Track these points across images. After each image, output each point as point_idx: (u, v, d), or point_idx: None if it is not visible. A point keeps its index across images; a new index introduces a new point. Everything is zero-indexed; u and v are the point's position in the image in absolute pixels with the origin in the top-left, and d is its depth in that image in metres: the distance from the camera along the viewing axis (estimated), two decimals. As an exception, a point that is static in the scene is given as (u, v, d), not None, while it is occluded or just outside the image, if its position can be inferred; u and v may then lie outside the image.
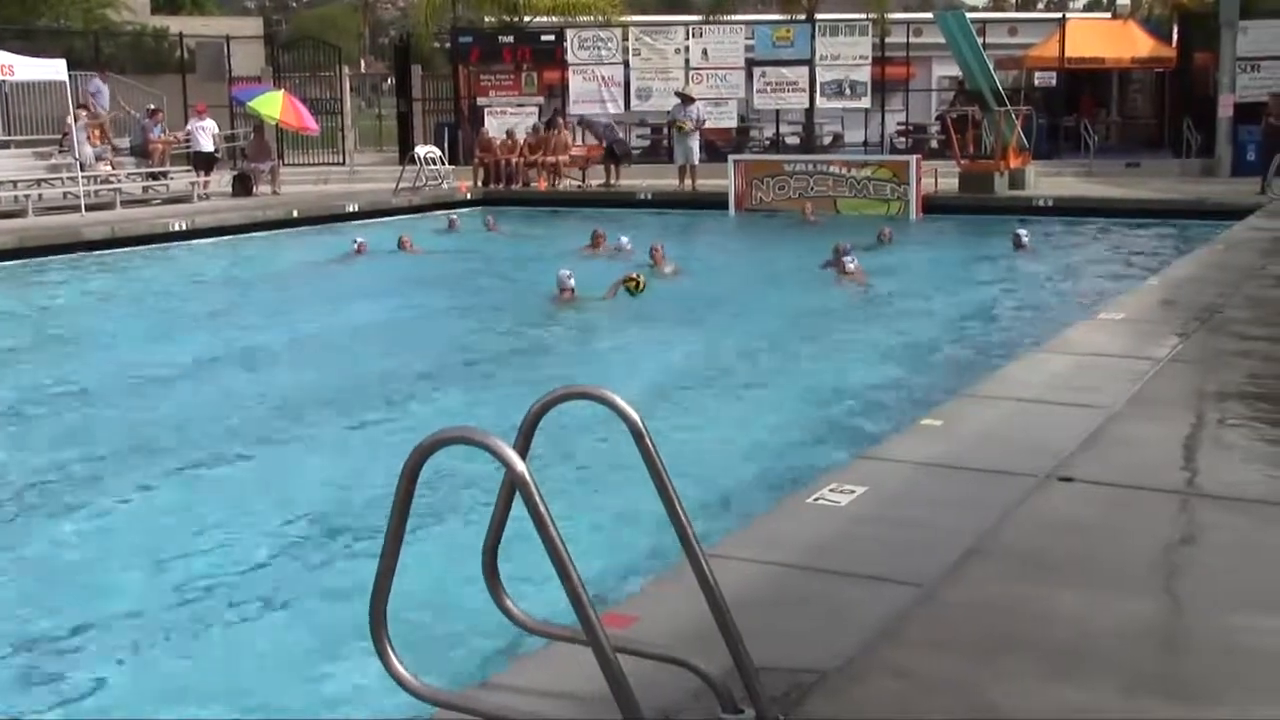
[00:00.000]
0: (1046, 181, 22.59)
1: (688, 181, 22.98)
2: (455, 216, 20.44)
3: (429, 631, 4.84)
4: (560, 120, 25.32)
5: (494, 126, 26.13)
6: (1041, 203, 20.36)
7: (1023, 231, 16.50)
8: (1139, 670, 3.46)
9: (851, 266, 13.37)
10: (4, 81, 21.25)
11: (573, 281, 12.57)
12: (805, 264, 14.61)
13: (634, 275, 12.46)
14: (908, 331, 11.28)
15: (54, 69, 20.43)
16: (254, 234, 19.49)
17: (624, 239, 16.01)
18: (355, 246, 16.79)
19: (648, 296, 12.64)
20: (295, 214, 20.78)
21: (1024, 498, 4.93)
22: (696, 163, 23.22)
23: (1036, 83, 27.97)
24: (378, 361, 10.24)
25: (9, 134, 22.64)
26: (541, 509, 2.68)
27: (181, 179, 23.10)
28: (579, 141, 26.17)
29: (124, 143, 23.78)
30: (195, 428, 8.18)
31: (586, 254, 15.87)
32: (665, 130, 25.99)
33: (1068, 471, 5.24)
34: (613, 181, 24.20)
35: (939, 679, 3.39)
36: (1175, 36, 28.12)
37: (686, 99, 23.86)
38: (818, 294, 13.04)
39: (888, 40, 26.69)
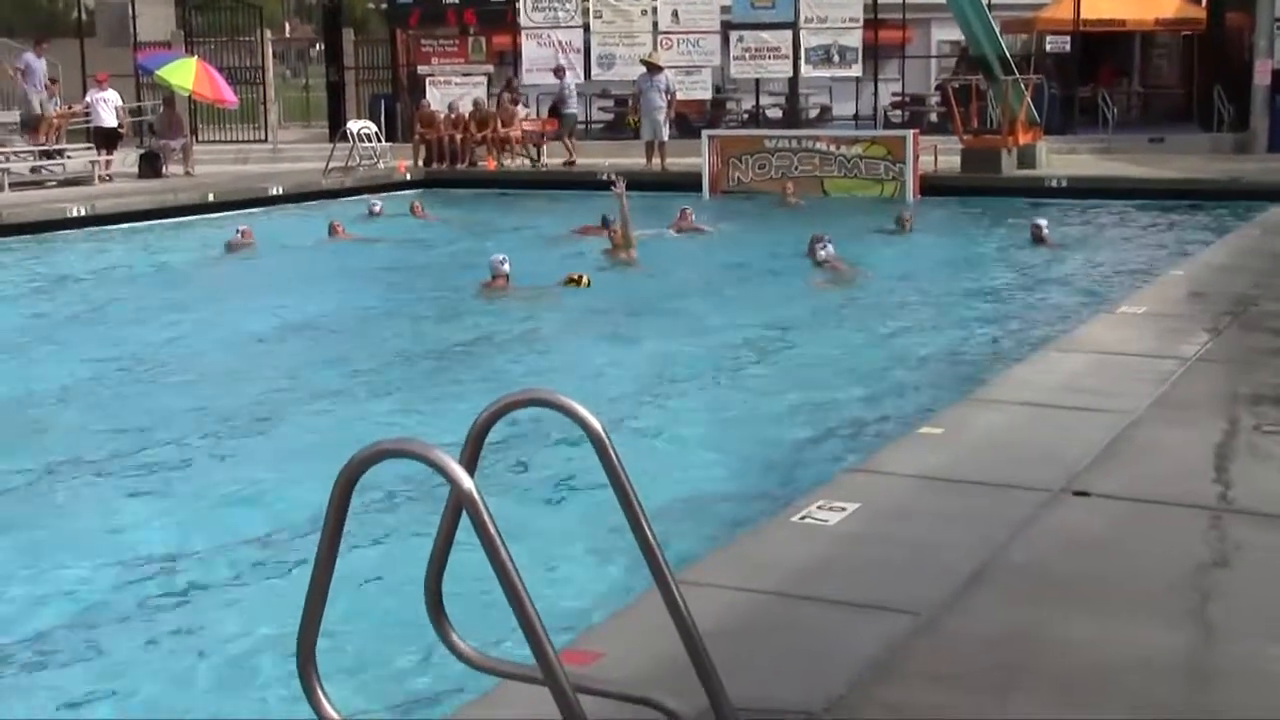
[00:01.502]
0: (1059, 159, 22.72)
1: (656, 160, 23.01)
2: (378, 203, 20.20)
3: (365, 669, 4.82)
4: (512, 89, 25.34)
5: (436, 98, 26.07)
6: (1054, 183, 20.47)
7: (1043, 222, 15.95)
8: (1162, 705, 3.50)
9: (824, 254, 13.38)
10: None
11: (507, 267, 12.55)
12: (786, 252, 14.65)
13: (576, 275, 12.49)
14: (902, 328, 11.32)
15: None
16: (164, 220, 19.37)
17: (689, 213, 16.85)
18: (239, 234, 16.42)
19: (606, 289, 12.64)
20: (211, 198, 20.64)
21: (1034, 514, 4.97)
22: (665, 139, 23.25)
23: (1048, 48, 28.12)
24: (290, 367, 10.17)
25: None
26: (491, 530, 2.69)
27: (80, 158, 22.93)
28: (534, 115, 26.18)
29: (11, 116, 23.58)
30: (66, 447, 8.01)
31: (672, 234, 16.41)
32: (630, 103, 25.97)
33: (1083, 485, 5.28)
34: (575, 160, 24.21)
35: (940, 719, 3.42)
36: (1205, -5, 28.35)
37: (653, 68, 23.86)
38: (799, 287, 13.08)
39: (881, 1, 26.80)
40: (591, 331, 11.15)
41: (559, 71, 24.91)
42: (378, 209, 19.87)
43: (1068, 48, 27.37)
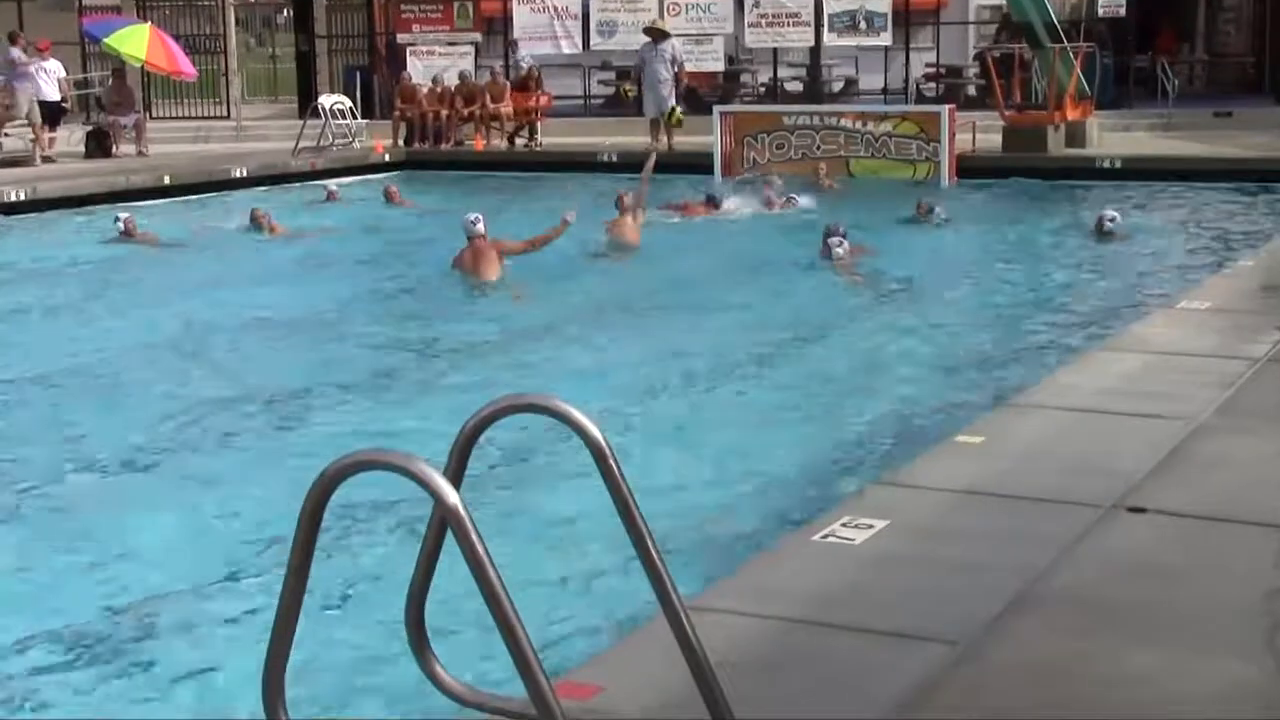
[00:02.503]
0: (1113, 137, 22.72)
1: (661, 138, 23.02)
2: (335, 187, 20.16)
3: (338, 705, 4.83)
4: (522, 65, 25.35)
5: (419, 71, 26.09)
6: (1106, 164, 20.47)
7: (1112, 214, 15.32)
8: (1229, 747, 3.50)
9: (840, 251, 13.32)
10: None
11: (480, 227, 12.64)
12: (814, 240, 14.66)
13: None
14: (936, 326, 11.33)
15: None
16: (114, 205, 19.37)
17: (776, 189, 17.11)
18: (121, 225, 15.95)
19: (603, 281, 12.66)
20: (167, 180, 20.68)
21: (1084, 533, 4.97)
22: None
23: (1101, 12, 28.07)
24: (248, 369, 10.16)
25: None
26: (480, 550, 2.69)
27: (18, 135, 22.96)
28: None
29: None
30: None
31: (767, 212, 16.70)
32: (631, 75, 25.89)
33: (1139, 500, 5.28)
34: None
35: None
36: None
37: (658, 35, 23.86)
38: (825, 280, 13.09)
39: (914, -39, 26.81)
40: (587, 327, 11.15)
41: (658, 36, 24.12)
42: (335, 192, 19.81)
43: (1123, 11, 27.26)
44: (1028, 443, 6.21)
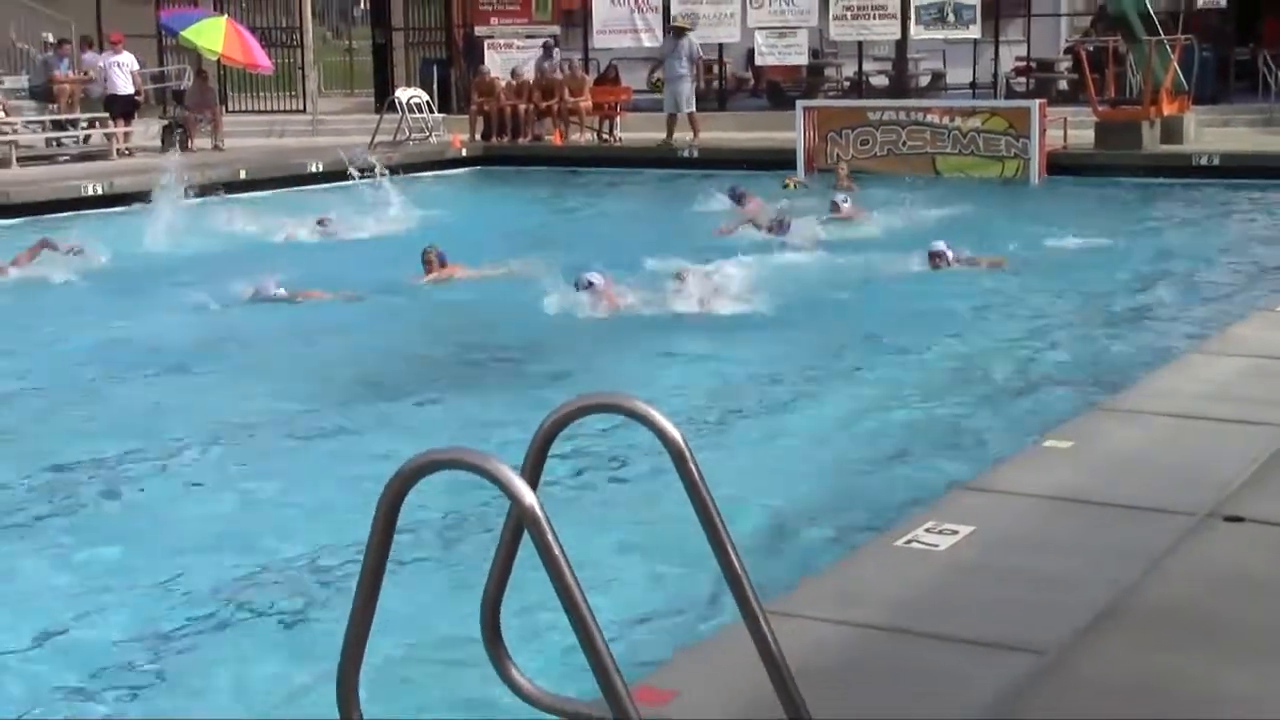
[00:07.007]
0: (1211, 133, 22.44)
1: (681, 134, 23.02)
2: (329, 218, 17.09)
3: (411, 706, 4.87)
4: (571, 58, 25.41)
5: (496, 64, 26.22)
6: (1204, 160, 20.23)
7: (939, 247, 13.40)
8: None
9: (952, 255, 13.23)
10: None
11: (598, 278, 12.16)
12: (905, 240, 14.61)
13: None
14: (1024, 327, 11.26)
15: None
16: (190, 200, 19.59)
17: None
18: (68, 250, 14.18)
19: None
20: (243, 175, 20.90)
21: (1177, 542, 4.92)
22: (691, 108, 23.36)
23: (1200, 3, 27.74)
24: (332, 370, 10.27)
25: None
26: (557, 553, 2.71)
27: (97, 130, 23.31)
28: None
29: (20, 82, 23.99)
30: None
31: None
32: (654, 71, 25.62)
33: (1235, 509, 5.22)
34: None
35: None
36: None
37: (679, 31, 23.90)
38: (906, 279, 13.03)
39: (1004, -50, 26.63)
40: (662, 331, 11.13)
41: (679, 32, 24.16)
42: (328, 221, 16.84)
43: (1223, 2, 26.95)
44: (1118, 448, 6.16)
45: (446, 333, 11.67)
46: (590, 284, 11.68)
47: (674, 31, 24.08)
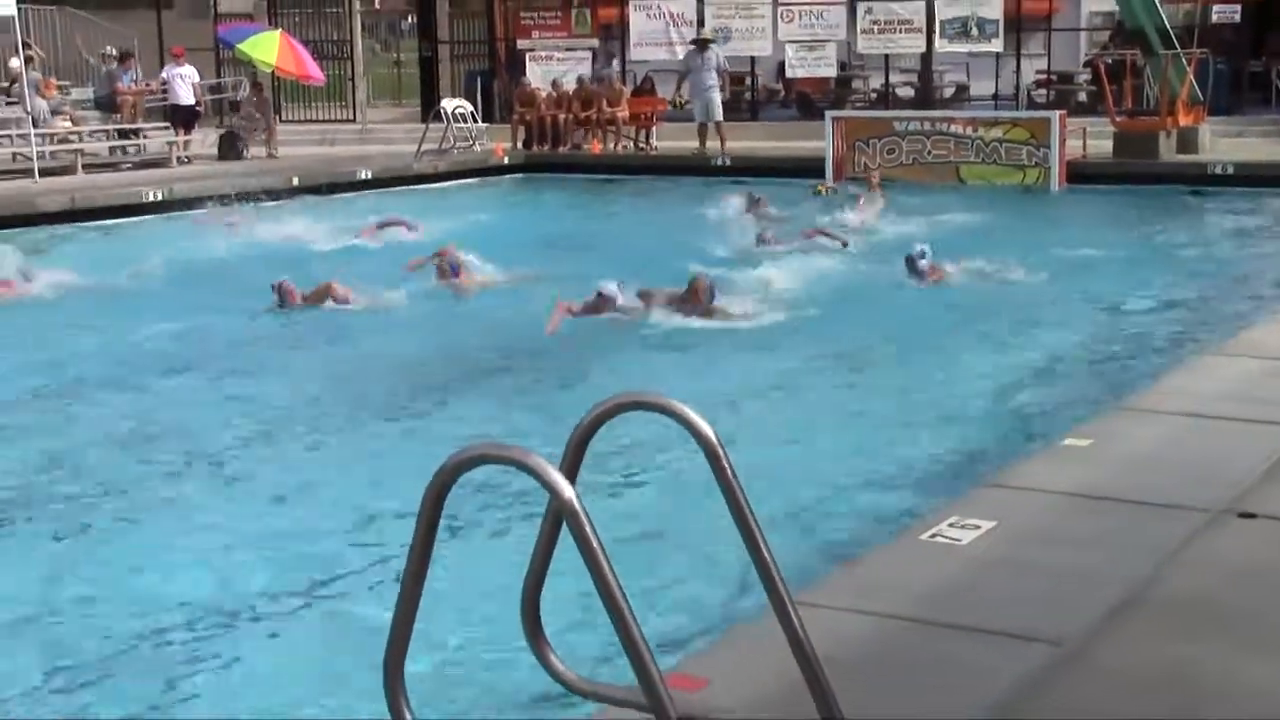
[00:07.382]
0: (1226, 143, 22.30)
1: (712, 143, 22.99)
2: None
3: (455, 690, 4.88)
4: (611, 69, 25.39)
5: (537, 75, 26.25)
6: (1219, 169, 20.11)
7: (920, 249, 13.03)
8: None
9: (924, 264, 12.91)
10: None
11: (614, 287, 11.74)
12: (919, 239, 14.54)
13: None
14: (1045, 328, 11.21)
15: (-3, 1, 20.60)
16: (246, 206, 19.70)
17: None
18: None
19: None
20: (296, 182, 20.97)
21: (1193, 537, 4.89)
22: (721, 118, 23.31)
23: (1214, 18, 27.55)
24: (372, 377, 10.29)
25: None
26: (595, 545, 2.71)
27: (157, 138, 23.46)
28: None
29: (86, 94, 24.16)
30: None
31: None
32: (676, 84, 25.42)
33: (1249, 505, 5.19)
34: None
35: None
36: None
37: (703, 44, 23.88)
38: (934, 280, 12.97)
39: (1026, -33, 26.49)
40: (692, 331, 11.11)
41: (702, 45, 24.18)
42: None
43: (1237, 17, 26.75)
44: (1136, 446, 6.13)
45: (465, 339, 11.58)
46: (601, 294, 11.58)
47: (698, 45, 24.08)
